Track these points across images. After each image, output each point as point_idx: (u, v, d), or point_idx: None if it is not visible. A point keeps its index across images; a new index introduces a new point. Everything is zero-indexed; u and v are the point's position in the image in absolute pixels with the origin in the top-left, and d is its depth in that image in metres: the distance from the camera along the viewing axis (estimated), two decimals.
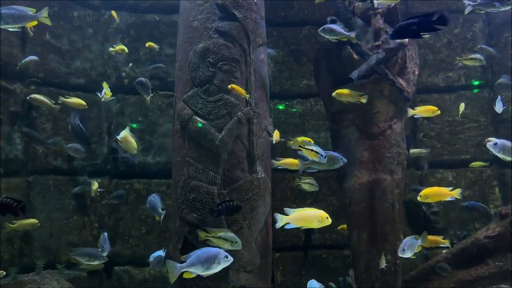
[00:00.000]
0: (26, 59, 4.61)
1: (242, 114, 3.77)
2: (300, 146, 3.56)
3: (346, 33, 3.89)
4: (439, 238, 4.29)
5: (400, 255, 3.64)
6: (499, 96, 4.82)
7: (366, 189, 4.30)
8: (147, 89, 4.64)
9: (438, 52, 5.74)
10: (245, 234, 3.66)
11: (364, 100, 4.05)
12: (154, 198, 4.17)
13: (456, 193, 3.70)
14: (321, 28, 3.88)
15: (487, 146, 3.67)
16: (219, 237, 3.31)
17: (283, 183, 5.57)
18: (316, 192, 5.54)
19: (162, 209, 4.12)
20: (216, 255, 2.93)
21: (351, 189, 4.34)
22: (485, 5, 4.30)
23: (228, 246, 3.30)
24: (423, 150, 5.35)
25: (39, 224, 4.35)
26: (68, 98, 4.77)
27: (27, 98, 4.60)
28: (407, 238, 3.69)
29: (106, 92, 4.76)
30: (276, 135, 3.87)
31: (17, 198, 2.88)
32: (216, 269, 2.94)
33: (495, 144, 3.63)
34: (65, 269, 4.71)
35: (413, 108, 4.42)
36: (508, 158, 3.65)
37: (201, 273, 2.94)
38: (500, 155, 3.65)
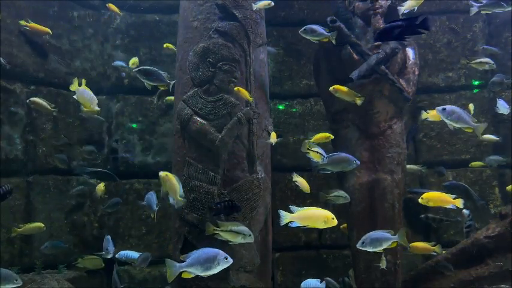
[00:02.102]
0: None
1: (242, 114, 3.77)
2: (308, 149, 3.58)
3: (326, 33, 3.90)
4: (429, 246, 4.21)
5: (358, 247, 3.46)
6: (500, 99, 4.74)
7: (366, 189, 4.30)
8: (161, 77, 4.10)
9: (438, 52, 5.74)
10: None
11: (359, 101, 4.04)
12: (151, 196, 4.21)
13: (458, 202, 3.61)
14: (302, 29, 3.88)
15: (436, 111, 3.59)
16: (231, 231, 3.25)
17: (283, 183, 5.57)
18: (316, 193, 5.55)
19: (156, 205, 4.13)
20: (216, 256, 2.93)
21: (351, 189, 4.34)
22: (491, 6, 4.28)
23: (240, 239, 3.26)
24: (421, 168, 5.32)
25: (45, 227, 4.34)
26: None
27: (27, 101, 4.60)
28: (377, 231, 3.54)
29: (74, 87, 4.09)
30: (273, 137, 3.86)
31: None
32: (215, 270, 2.93)
33: (443, 109, 3.54)
34: (65, 269, 4.72)
35: (426, 111, 4.41)
36: (457, 125, 3.58)
37: (200, 274, 2.93)
38: (448, 122, 3.59)
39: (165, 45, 4.91)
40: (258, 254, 3.77)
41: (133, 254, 4.18)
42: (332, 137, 3.95)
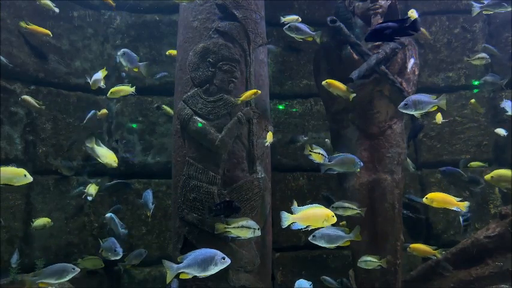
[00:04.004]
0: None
1: (242, 114, 3.77)
2: (310, 151, 3.61)
3: (311, 32, 3.91)
4: (429, 249, 4.12)
5: (310, 240, 3.35)
6: (508, 101, 4.69)
7: (366, 189, 4.30)
8: (134, 59, 4.37)
9: (438, 52, 5.74)
10: None
11: (351, 97, 4.02)
12: (148, 194, 4.39)
13: (463, 205, 3.51)
14: (287, 26, 3.89)
15: (399, 109, 3.53)
16: (242, 226, 3.28)
17: (283, 183, 5.57)
18: (315, 193, 5.56)
19: (152, 203, 4.34)
20: (213, 256, 2.92)
21: (351, 189, 4.34)
22: (493, 6, 4.27)
23: (250, 234, 3.31)
24: (412, 166, 5.28)
25: (52, 222, 4.44)
26: (101, 111, 4.90)
27: (19, 99, 4.61)
28: (328, 227, 3.38)
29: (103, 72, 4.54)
30: (269, 137, 3.86)
31: None
32: (213, 270, 2.93)
33: (405, 105, 3.48)
34: None
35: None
36: (424, 111, 3.52)
37: (198, 275, 2.93)
38: (416, 113, 3.54)
39: (167, 53, 4.95)
40: (258, 254, 3.77)
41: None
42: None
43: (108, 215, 4.48)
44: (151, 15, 5.68)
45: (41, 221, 4.38)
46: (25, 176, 3.01)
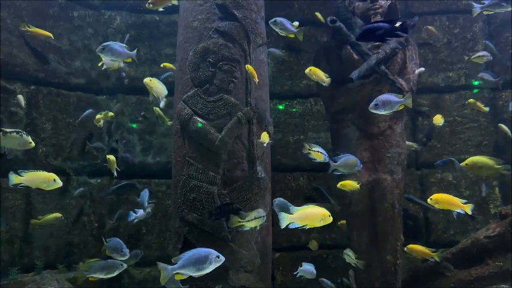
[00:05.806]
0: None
1: (242, 114, 3.77)
2: (308, 150, 3.62)
3: (293, 29, 3.93)
4: (427, 250, 4.12)
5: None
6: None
7: (366, 189, 4.30)
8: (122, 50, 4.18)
9: (438, 52, 5.74)
10: (245, 234, 3.66)
11: (327, 81, 4.00)
12: (145, 193, 4.42)
13: (467, 208, 3.49)
14: (272, 20, 3.89)
15: (370, 109, 3.53)
16: (255, 218, 3.35)
17: (283, 183, 5.57)
18: (315, 192, 5.56)
19: (149, 202, 4.39)
20: (207, 255, 2.92)
21: None
22: (493, 6, 4.28)
23: (260, 222, 3.39)
24: (415, 146, 5.29)
25: (62, 217, 4.49)
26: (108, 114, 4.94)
27: (15, 98, 4.63)
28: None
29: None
30: (265, 138, 3.85)
31: None
32: (208, 269, 2.93)
33: (376, 105, 3.50)
34: (65, 269, 4.72)
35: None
36: (394, 110, 3.54)
37: (193, 275, 2.93)
38: (385, 113, 3.56)
39: (162, 65, 4.98)
40: (258, 254, 3.78)
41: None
42: None
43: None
44: (151, 15, 5.68)
45: (51, 216, 4.42)
46: (54, 180, 3.06)
